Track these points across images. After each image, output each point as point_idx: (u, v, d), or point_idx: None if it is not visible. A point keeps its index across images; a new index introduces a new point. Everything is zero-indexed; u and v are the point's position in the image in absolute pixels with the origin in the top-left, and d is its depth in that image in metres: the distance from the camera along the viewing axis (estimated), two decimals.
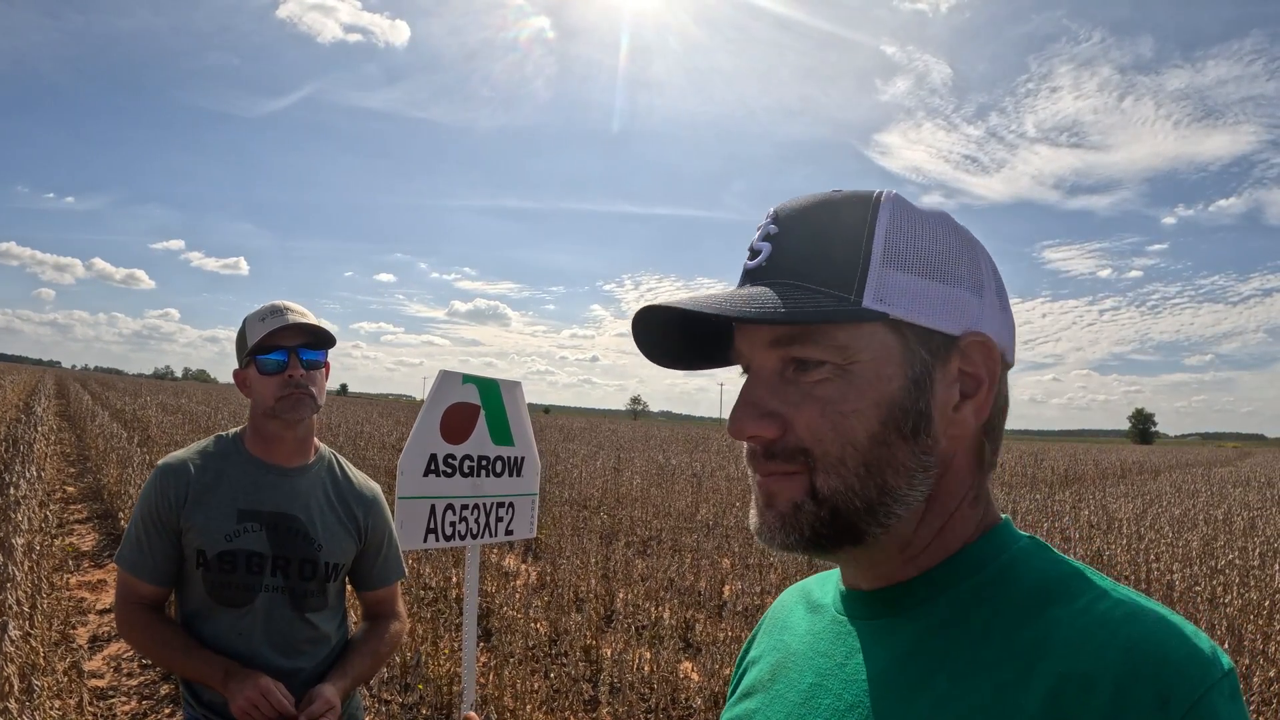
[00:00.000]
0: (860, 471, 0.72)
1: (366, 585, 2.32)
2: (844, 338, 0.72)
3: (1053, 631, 0.66)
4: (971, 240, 0.78)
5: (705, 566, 8.84)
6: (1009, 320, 0.80)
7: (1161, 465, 36.96)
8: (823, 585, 0.92)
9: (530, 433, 3.59)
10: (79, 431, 20.74)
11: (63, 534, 9.16)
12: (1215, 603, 7.51)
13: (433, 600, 7.14)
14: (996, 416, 0.79)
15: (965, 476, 0.78)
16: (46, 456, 14.63)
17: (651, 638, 6.46)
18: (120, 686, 5.22)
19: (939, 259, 0.74)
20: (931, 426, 0.74)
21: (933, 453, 0.74)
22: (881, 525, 0.74)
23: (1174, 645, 0.62)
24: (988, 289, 0.77)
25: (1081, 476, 26.31)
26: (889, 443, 0.72)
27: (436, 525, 3.18)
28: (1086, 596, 0.68)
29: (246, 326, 2.15)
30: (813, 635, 0.85)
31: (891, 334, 0.72)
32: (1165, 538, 11.40)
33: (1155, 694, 0.59)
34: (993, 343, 0.75)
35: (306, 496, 2.16)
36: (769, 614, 1.00)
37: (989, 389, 0.75)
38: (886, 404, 0.72)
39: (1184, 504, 16.94)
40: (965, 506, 0.77)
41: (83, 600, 6.94)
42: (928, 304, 0.73)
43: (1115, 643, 0.62)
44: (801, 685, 0.81)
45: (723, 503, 14.00)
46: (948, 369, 0.74)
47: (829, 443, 0.72)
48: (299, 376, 2.10)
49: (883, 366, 0.72)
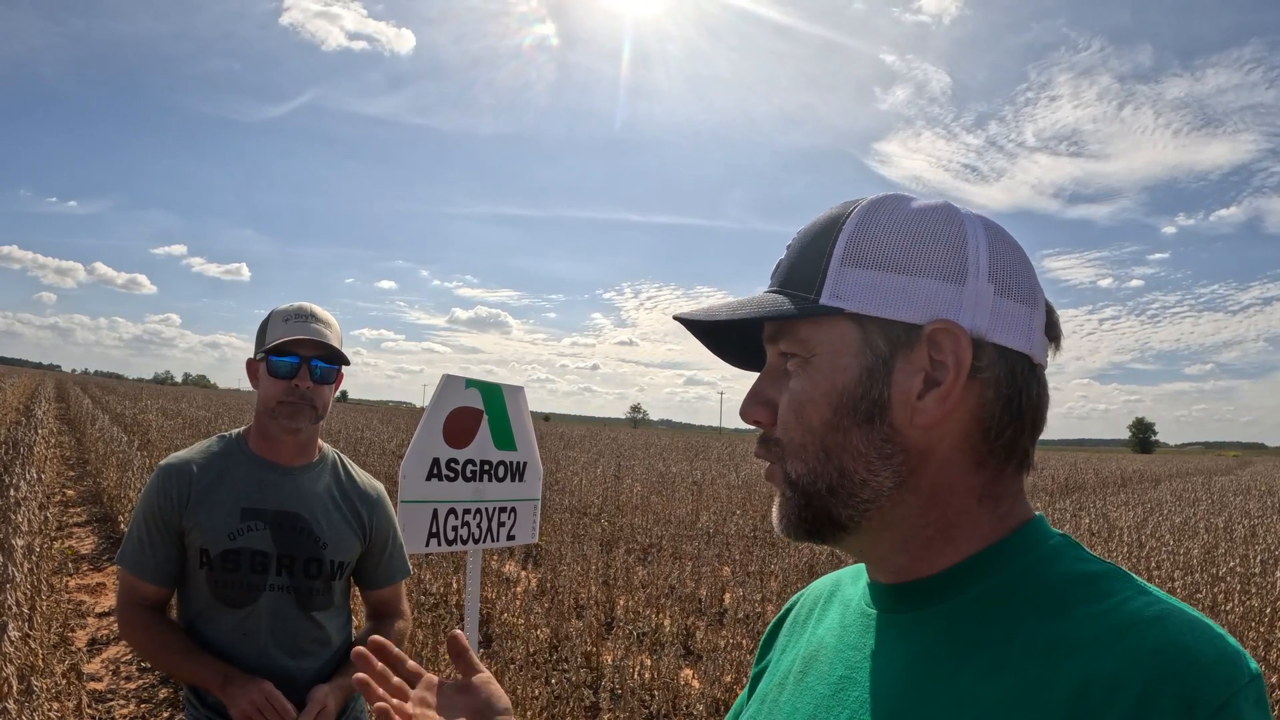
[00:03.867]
0: (820, 456, 0.76)
1: (371, 584, 2.32)
2: (805, 332, 0.78)
3: (1080, 630, 0.65)
4: (960, 231, 0.76)
5: (706, 574, 8.83)
6: (1015, 311, 0.76)
7: (1162, 474, 36.97)
8: (855, 578, 0.92)
9: (533, 437, 3.59)
10: (79, 435, 20.73)
11: (62, 537, 9.15)
12: (1216, 610, 7.50)
13: (434, 606, 7.12)
14: (996, 411, 0.75)
15: (959, 471, 0.76)
16: (46, 459, 14.62)
17: (652, 645, 6.45)
18: (119, 689, 5.21)
19: (903, 253, 0.75)
20: (888, 414, 0.75)
21: (893, 440, 0.75)
22: (855, 509, 0.76)
23: (1201, 648, 0.61)
24: (975, 277, 0.75)
25: (1082, 485, 26.28)
26: (843, 428, 0.75)
27: (439, 529, 3.18)
28: (1116, 597, 0.67)
29: (270, 321, 2.15)
30: (842, 627, 0.86)
31: (852, 327, 0.76)
32: (1166, 546, 11.41)
33: (1181, 698, 0.58)
34: (960, 330, 0.73)
35: (310, 495, 2.16)
36: (804, 600, 1.00)
37: (955, 378, 0.73)
38: (839, 392, 0.76)
39: (1184, 512, 16.94)
40: (972, 503, 0.76)
41: (82, 603, 6.93)
42: (885, 296, 0.75)
43: (1143, 644, 0.62)
44: (832, 678, 0.81)
45: (723, 510, 13.98)
46: (913, 358, 0.74)
47: (791, 429, 0.78)
48: (305, 388, 2.10)
49: (839, 357, 0.76)
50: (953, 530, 0.76)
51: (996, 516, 0.77)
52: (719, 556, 9.84)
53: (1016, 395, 0.76)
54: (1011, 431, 0.76)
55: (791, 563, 8.80)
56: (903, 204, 0.78)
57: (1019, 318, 0.76)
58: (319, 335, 2.11)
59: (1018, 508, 0.79)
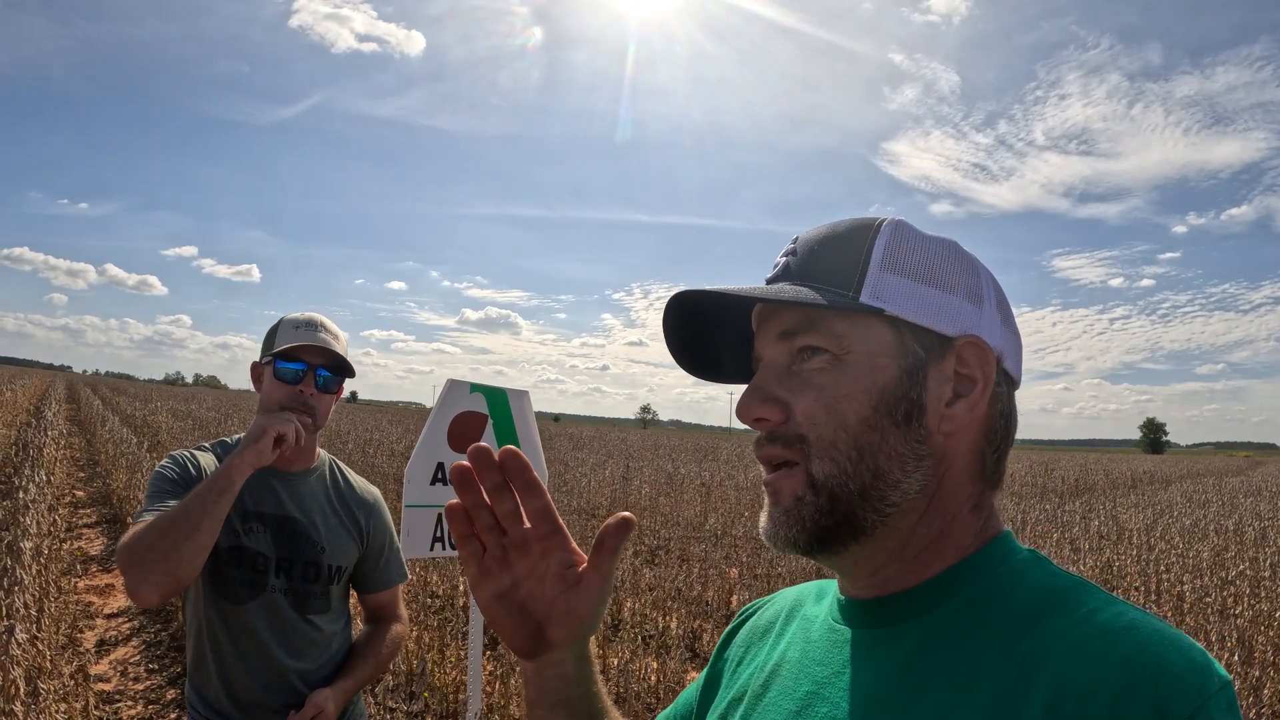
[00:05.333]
0: (853, 455, 0.76)
1: (369, 588, 2.33)
2: (841, 328, 0.77)
3: (1051, 642, 0.67)
4: (973, 261, 0.83)
5: (713, 576, 8.82)
6: (1013, 338, 0.84)
7: (1173, 475, 36.77)
8: (819, 593, 0.93)
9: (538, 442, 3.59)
10: (89, 436, 20.83)
11: (71, 538, 9.19)
12: (1226, 614, 7.47)
13: (439, 608, 7.14)
14: (998, 427, 0.81)
15: (965, 482, 0.80)
16: (56, 461, 14.67)
17: (658, 647, 6.45)
18: (126, 691, 5.23)
19: (936, 270, 0.80)
20: (924, 416, 0.77)
21: (926, 443, 0.77)
22: (880, 514, 0.76)
23: (1171, 657, 0.62)
24: (988, 303, 0.81)
25: (1092, 486, 26.19)
26: (880, 428, 0.76)
27: (443, 534, 3.19)
28: (1085, 608, 0.69)
29: (280, 327, 2.17)
30: (807, 643, 0.86)
31: (888, 329, 0.78)
32: (1175, 548, 11.34)
33: (1153, 706, 0.60)
34: (988, 346, 0.79)
35: (309, 500, 2.19)
36: (760, 613, 1.00)
37: (983, 390, 0.78)
38: (879, 390, 0.76)
39: (1194, 514, 16.84)
40: (966, 514, 0.79)
41: (90, 604, 6.96)
42: (923, 305, 0.78)
43: (1113, 654, 0.63)
44: (797, 694, 0.81)
45: (731, 512, 13.97)
46: (942, 367, 0.78)
47: (822, 426, 0.76)
48: (309, 394, 2.12)
49: (876, 356, 0.77)
50: (944, 540, 0.79)
51: (976, 529, 0.80)
52: (726, 558, 9.84)
53: (1010, 414, 0.83)
54: (1003, 447, 0.82)
55: (799, 565, 8.78)
56: (917, 230, 0.82)
57: (1016, 346, 0.84)
58: (328, 341, 2.14)
59: (992, 521, 0.82)
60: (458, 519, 0.80)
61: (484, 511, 0.80)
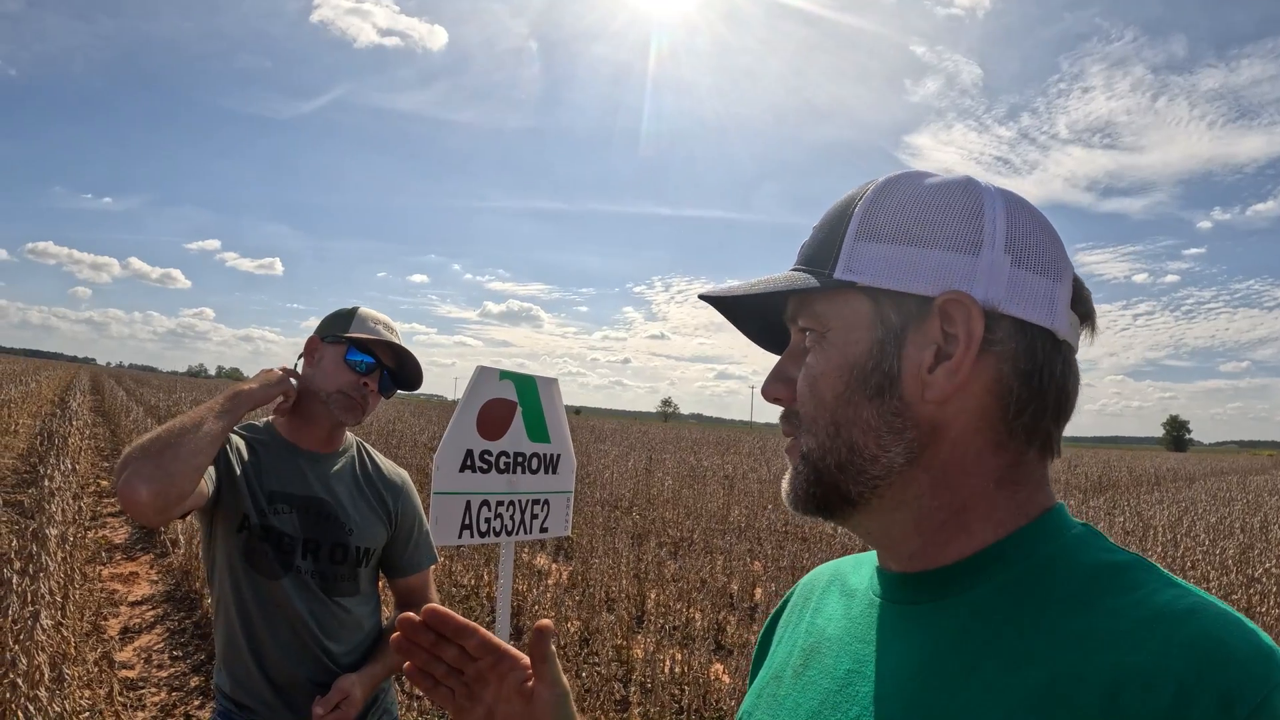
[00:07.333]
0: (830, 429, 0.76)
1: (399, 572, 2.31)
2: (820, 308, 0.78)
3: (1110, 623, 0.63)
4: (978, 200, 0.75)
5: (737, 568, 8.79)
6: (1035, 282, 0.73)
7: (1196, 473, 36.55)
8: (858, 567, 0.90)
9: (566, 430, 3.55)
10: (113, 426, 20.99)
11: (96, 526, 9.25)
12: (1252, 612, 7.39)
13: (465, 598, 7.13)
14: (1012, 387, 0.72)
15: (974, 451, 0.74)
16: (81, 450, 14.80)
17: (683, 639, 6.42)
18: (150, 678, 5.23)
19: (916, 224, 0.75)
20: (899, 387, 0.74)
21: (904, 415, 0.73)
22: (866, 486, 0.75)
23: (1237, 643, 0.59)
24: (990, 247, 0.73)
25: (1115, 483, 26.04)
26: (853, 402, 0.75)
27: (472, 521, 3.15)
28: (1144, 588, 0.65)
29: (360, 316, 2.19)
30: (848, 619, 0.83)
31: (865, 301, 0.75)
32: (1201, 545, 11.25)
33: (1219, 694, 0.56)
34: (971, 301, 0.71)
35: (336, 481, 2.17)
36: (800, 590, 0.99)
37: (965, 350, 0.71)
38: (850, 365, 0.75)
39: (1219, 511, 16.72)
40: (989, 486, 0.74)
41: (114, 592, 6.99)
42: (896, 269, 0.74)
43: (1177, 638, 0.60)
44: (837, 672, 0.79)
45: (754, 505, 13.94)
46: (924, 330, 0.73)
47: (806, 404, 0.78)
48: (370, 389, 2.14)
49: (851, 331, 0.76)
50: (966, 514, 0.74)
51: (1016, 503, 0.74)
52: (750, 551, 9.78)
53: (1037, 371, 0.73)
54: (1033, 410, 0.73)
55: (825, 557, 8.71)
56: (919, 179, 0.78)
57: (1039, 290, 0.73)
58: (405, 350, 2.20)
59: (1039, 495, 0.76)
60: (418, 677, 0.91)
61: (437, 664, 0.91)
